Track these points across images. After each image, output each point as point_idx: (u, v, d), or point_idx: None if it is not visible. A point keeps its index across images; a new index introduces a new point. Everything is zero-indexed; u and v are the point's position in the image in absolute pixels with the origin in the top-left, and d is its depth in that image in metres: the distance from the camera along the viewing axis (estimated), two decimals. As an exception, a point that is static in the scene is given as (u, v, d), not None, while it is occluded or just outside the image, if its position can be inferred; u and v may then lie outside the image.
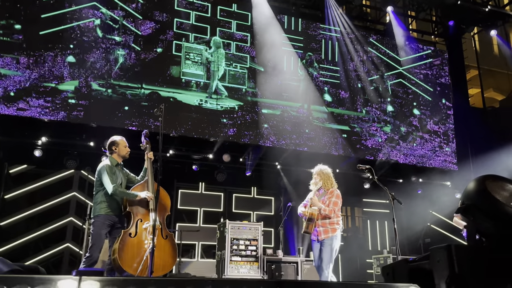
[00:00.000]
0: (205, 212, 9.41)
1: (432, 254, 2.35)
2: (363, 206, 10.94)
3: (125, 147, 4.77)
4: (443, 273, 2.26)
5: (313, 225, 4.98)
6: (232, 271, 6.65)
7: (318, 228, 4.98)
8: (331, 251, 4.92)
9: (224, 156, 8.96)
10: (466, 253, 2.24)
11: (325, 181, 5.12)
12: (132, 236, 4.35)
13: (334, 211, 4.98)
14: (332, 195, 5.07)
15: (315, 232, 4.99)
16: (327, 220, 4.98)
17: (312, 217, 4.94)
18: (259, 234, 6.99)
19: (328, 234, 4.95)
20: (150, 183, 4.64)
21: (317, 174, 5.15)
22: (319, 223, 4.97)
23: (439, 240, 10.13)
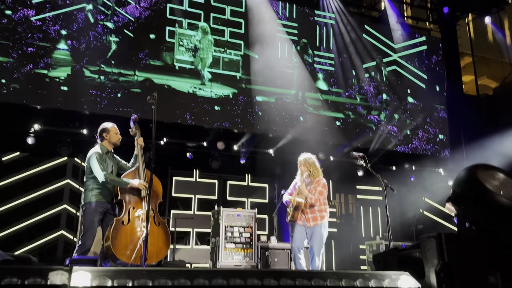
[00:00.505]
0: (199, 199, 9.41)
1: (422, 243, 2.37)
2: (356, 193, 10.99)
3: (116, 134, 4.73)
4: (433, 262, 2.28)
5: (298, 213, 5.04)
6: (226, 257, 6.67)
7: (306, 215, 5.04)
8: (321, 238, 4.99)
9: (219, 144, 8.93)
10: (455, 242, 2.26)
11: (311, 170, 5.17)
12: (125, 224, 4.35)
13: (319, 200, 5.06)
14: (318, 184, 5.13)
15: (303, 218, 5.04)
16: (316, 208, 5.04)
17: (298, 206, 5.00)
18: (253, 221, 7.00)
19: (317, 221, 5.02)
20: (141, 170, 4.63)
21: (303, 164, 5.19)
22: (308, 210, 5.04)
23: (431, 227, 10.23)
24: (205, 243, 8.74)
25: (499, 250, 2.40)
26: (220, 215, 6.86)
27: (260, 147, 9.26)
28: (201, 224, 8.90)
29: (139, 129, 4.85)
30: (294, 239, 5.09)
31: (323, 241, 5.01)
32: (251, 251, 6.83)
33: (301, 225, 5.06)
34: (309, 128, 9.39)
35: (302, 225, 5.06)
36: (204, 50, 8.90)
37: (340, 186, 10.83)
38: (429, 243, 2.35)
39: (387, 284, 2.30)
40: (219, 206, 7.32)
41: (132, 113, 4.83)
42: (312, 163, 5.22)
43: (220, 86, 8.91)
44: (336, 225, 10.46)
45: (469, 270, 2.25)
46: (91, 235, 4.39)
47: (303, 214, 5.05)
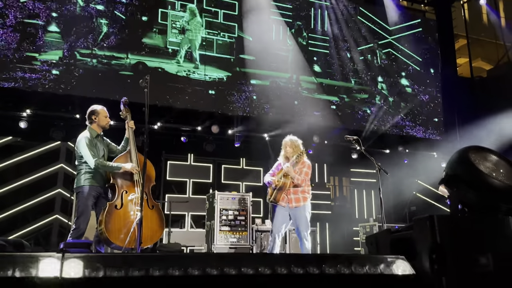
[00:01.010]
0: (194, 183, 9.41)
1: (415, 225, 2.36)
2: (350, 176, 11.03)
3: (105, 117, 4.68)
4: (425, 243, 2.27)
5: (281, 194, 5.08)
6: (221, 240, 6.70)
7: (289, 196, 5.09)
8: (306, 220, 5.04)
9: (213, 128, 8.89)
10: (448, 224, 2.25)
11: (297, 151, 5.18)
12: (118, 208, 4.33)
13: (305, 180, 5.09)
14: (304, 165, 5.17)
15: (285, 199, 5.08)
16: (299, 189, 5.09)
17: (283, 186, 5.03)
18: (248, 204, 7.02)
19: (300, 202, 5.07)
20: (133, 154, 4.59)
21: (290, 145, 5.21)
22: (291, 191, 5.09)
23: (424, 209, 10.31)
24: (200, 226, 8.77)
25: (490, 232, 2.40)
26: (215, 199, 6.87)
27: (254, 130, 9.23)
28: (196, 207, 8.91)
29: (129, 112, 4.80)
30: (275, 222, 5.13)
31: (308, 223, 5.06)
32: (246, 233, 6.86)
33: (284, 206, 5.11)
34: (303, 111, 9.35)
35: (285, 206, 5.10)
36: (193, 31, 8.75)
37: (334, 169, 10.86)
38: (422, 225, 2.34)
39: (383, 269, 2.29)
40: (214, 190, 7.32)
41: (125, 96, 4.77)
42: (298, 145, 5.26)
43: (214, 69, 8.81)
44: (330, 208, 10.52)
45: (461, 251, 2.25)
46: (85, 219, 4.37)
47: (285, 195, 5.10)
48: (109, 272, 2.12)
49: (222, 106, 8.81)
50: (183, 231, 8.81)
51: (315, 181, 10.58)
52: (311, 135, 9.57)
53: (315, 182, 10.55)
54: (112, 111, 4.88)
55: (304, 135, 9.71)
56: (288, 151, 5.22)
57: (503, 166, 2.56)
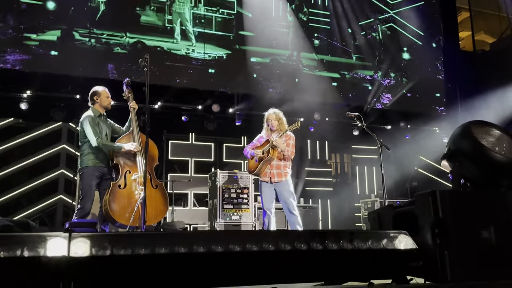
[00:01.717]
0: (196, 162, 9.43)
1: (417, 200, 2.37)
2: (352, 153, 11.05)
3: (107, 97, 4.70)
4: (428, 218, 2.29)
5: (266, 167, 5.14)
6: (224, 218, 6.77)
7: (271, 171, 5.14)
8: (292, 192, 5.15)
9: (214, 106, 8.86)
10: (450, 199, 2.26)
11: (282, 124, 5.24)
12: (122, 188, 4.38)
13: (292, 152, 5.16)
14: (290, 138, 5.25)
15: (268, 174, 5.13)
16: (281, 163, 5.15)
17: (270, 159, 5.08)
18: (250, 182, 7.06)
19: (282, 177, 5.13)
20: (135, 134, 4.62)
21: (275, 118, 5.24)
22: (274, 165, 5.14)
23: (426, 184, 10.36)
24: (203, 205, 8.84)
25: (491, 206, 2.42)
26: (217, 177, 6.90)
27: (255, 109, 9.18)
28: (198, 186, 8.96)
29: (131, 93, 4.81)
30: (265, 198, 5.21)
31: (294, 194, 5.15)
32: (248, 211, 6.93)
33: (267, 181, 5.17)
34: (304, 88, 9.29)
35: (268, 182, 5.16)
36: (177, 3, 8.54)
37: (335, 146, 10.87)
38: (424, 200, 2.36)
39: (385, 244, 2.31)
40: (215, 168, 7.35)
41: (123, 76, 4.77)
42: (282, 117, 5.31)
43: (214, 47, 8.72)
44: (331, 184, 10.57)
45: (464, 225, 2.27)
46: (89, 199, 4.41)
47: (268, 170, 5.16)
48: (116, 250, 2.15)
49: (222, 85, 8.76)
50: (186, 210, 8.89)
51: (316, 158, 10.61)
52: (312, 112, 9.53)
53: (316, 159, 10.58)
54: (112, 91, 4.87)
55: (305, 112, 9.79)
56: (274, 124, 5.26)
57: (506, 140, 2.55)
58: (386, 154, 5.93)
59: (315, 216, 7.86)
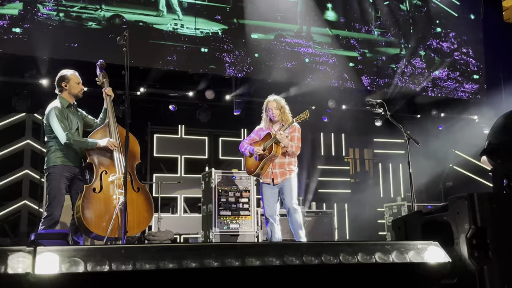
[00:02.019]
0: (186, 160, 9.46)
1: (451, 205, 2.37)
2: (374, 147, 11.05)
3: (77, 83, 4.69)
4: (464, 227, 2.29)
5: (267, 167, 5.16)
6: (221, 227, 6.79)
7: (274, 170, 5.16)
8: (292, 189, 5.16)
9: (207, 93, 8.87)
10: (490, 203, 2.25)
11: (285, 114, 5.25)
12: (97, 192, 4.39)
13: (298, 147, 5.20)
14: (294, 130, 5.26)
15: (269, 175, 5.16)
16: (286, 160, 5.18)
17: (273, 156, 5.10)
18: (252, 184, 7.08)
19: (286, 176, 5.18)
20: (112, 127, 4.63)
21: (276, 107, 5.26)
22: (276, 164, 5.16)
23: (463, 184, 10.36)
24: (195, 211, 8.87)
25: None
26: (212, 178, 6.92)
27: (257, 95, 9.16)
28: (189, 188, 8.98)
29: (107, 77, 4.81)
30: (266, 203, 5.24)
31: (296, 192, 5.23)
32: (250, 218, 6.95)
33: (269, 183, 5.20)
34: (316, 71, 9.27)
35: (270, 183, 5.19)
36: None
37: (354, 139, 10.87)
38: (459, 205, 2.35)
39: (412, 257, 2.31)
40: (210, 167, 7.36)
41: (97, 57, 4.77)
42: (284, 106, 5.33)
43: (206, 21, 8.70)
44: (350, 186, 10.58)
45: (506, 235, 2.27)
46: (58, 204, 4.44)
47: (270, 170, 5.18)
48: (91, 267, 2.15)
49: (217, 67, 8.74)
50: (175, 217, 8.92)
51: (331, 155, 10.61)
52: (325, 99, 9.52)
53: (331, 155, 10.59)
54: (86, 76, 4.88)
55: (318, 100, 9.78)
56: (274, 114, 5.27)
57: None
58: (415, 149, 5.92)
59: (329, 223, 7.89)
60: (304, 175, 10.01)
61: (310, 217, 7.73)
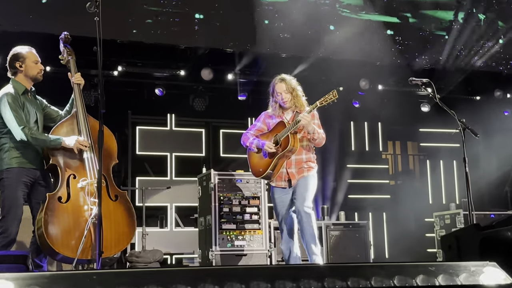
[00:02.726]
0: (178, 158, 9.48)
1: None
2: (419, 140, 11.02)
3: (35, 63, 4.68)
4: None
5: (282, 165, 5.13)
6: (223, 244, 6.80)
7: (289, 169, 5.13)
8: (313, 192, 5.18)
9: (204, 72, 8.87)
10: None
11: (298, 98, 5.22)
12: (64, 201, 4.40)
13: (324, 136, 5.23)
14: (314, 117, 5.25)
15: (283, 176, 5.15)
16: (303, 156, 5.19)
17: (292, 150, 5.04)
18: (262, 188, 7.08)
19: (303, 173, 5.16)
20: (81, 119, 4.64)
21: (285, 89, 5.21)
22: (292, 161, 5.13)
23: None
24: (190, 224, 8.91)
25: None
26: (211, 182, 6.93)
27: (267, 74, 9.15)
28: (182, 196, 9.01)
29: (73, 55, 4.82)
30: (283, 214, 5.22)
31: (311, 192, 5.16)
32: (260, 233, 6.95)
33: (284, 187, 5.17)
34: (343, 41, 9.23)
35: (286, 187, 5.17)
36: None
37: (394, 130, 10.83)
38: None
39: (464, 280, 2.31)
40: (208, 168, 7.38)
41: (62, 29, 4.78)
42: (297, 86, 5.30)
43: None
44: (389, 189, 10.55)
45: None
46: (14, 218, 4.45)
47: (284, 169, 5.16)
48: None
49: (216, 38, 8.74)
50: (164, 232, 8.95)
51: (364, 150, 10.58)
52: (357, 78, 9.49)
53: (365, 151, 10.55)
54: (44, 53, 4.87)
55: (347, 79, 9.73)
56: (285, 99, 5.22)
57: None
58: (474, 142, 5.90)
59: (363, 238, 7.87)
60: (330, 177, 10.02)
61: (337, 230, 7.71)
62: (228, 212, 6.89)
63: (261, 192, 7.07)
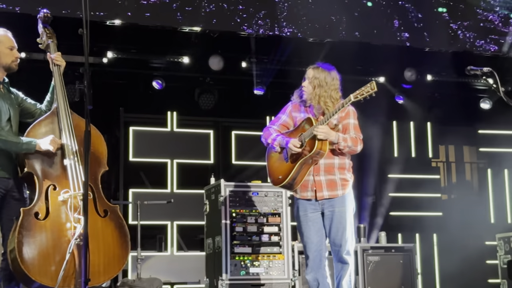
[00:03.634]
0: (180, 166, 9.51)
1: None
2: (478, 144, 10.98)
3: (10, 48, 4.71)
4: None
5: (305, 173, 5.04)
6: (236, 272, 6.81)
7: (317, 177, 5.04)
8: (352, 224, 5.10)
9: (213, 60, 8.89)
10: None
11: (323, 98, 5.08)
12: (41, 218, 4.41)
13: (360, 140, 5.05)
14: (348, 115, 5.12)
15: (310, 185, 5.09)
16: (335, 161, 5.06)
17: (318, 154, 4.93)
18: (284, 203, 7.08)
19: (337, 189, 5.05)
20: (62, 115, 4.66)
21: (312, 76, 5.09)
22: (321, 166, 5.04)
23: None
24: (195, 247, 8.93)
25: None
26: (221, 195, 6.94)
27: (289, 64, 9.20)
28: (185, 211, 9.03)
29: (54, 37, 4.85)
30: (308, 235, 5.12)
31: (350, 226, 5.07)
32: (281, 258, 6.95)
33: (309, 198, 5.10)
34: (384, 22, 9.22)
35: (311, 199, 5.10)
36: None
37: (447, 131, 10.78)
38: None
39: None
40: (218, 178, 7.39)
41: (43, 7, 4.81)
42: (328, 76, 5.14)
43: None
44: (440, 205, 10.52)
45: None
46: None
47: (310, 176, 5.07)
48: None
49: (227, 19, 8.76)
50: (164, 256, 8.98)
51: (409, 156, 10.55)
52: (401, 68, 9.46)
53: (410, 157, 10.52)
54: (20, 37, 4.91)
55: (387, 68, 9.68)
56: (305, 89, 5.13)
57: None
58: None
59: (408, 266, 7.83)
60: (367, 190, 10.00)
61: (377, 255, 7.68)
62: (242, 232, 6.90)
63: (282, 208, 7.07)
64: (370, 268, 7.54)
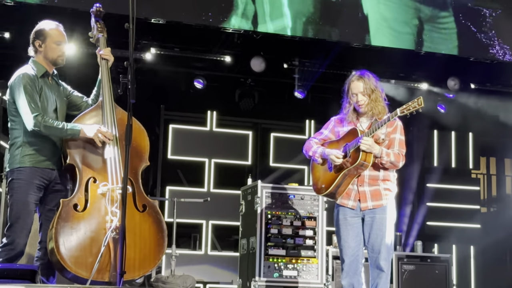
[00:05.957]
0: (218, 165, 9.52)
1: None
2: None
3: (57, 44, 4.74)
4: None
5: (348, 183, 5.03)
6: (269, 274, 6.82)
7: (361, 188, 5.01)
8: (392, 232, 5.06)
9: (255, 62, 8.88)
10: None
11: (378, 102, 5.07)
12: (80, 210, 4.45)
13: (403, 156, 5.03)
14: (396, 129, 5.10)
15: (353, 194, 5.07)
16: (380, 173, 5.04)
17: (363, 166, 4.92)
18: (320, 207, 7.07)
19: (381, 200, 5.02)
20: (107, 108, 4.68)
21: (363, 89, 5.06)
22: (365, 177, 5.03)
23: None
24: (229, 247, 8.95)
25: None
26: (258, 196, 6.96)
27: (335, 67, 9.16)
28: (221, 211, 9.06)
29: (104, 31, 4.88)
30: (346, 242, 5.10)
31: (390, 235, 5.04)
32: (316, 262, 6.95)
33: (351, 207, 5.07)
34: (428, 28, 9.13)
35: (353, 208, 5.07)
36: None
37: (489, 142, 10.68)
38: None
39: None
40: (255, 179, 7.40)
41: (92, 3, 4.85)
42: (377, 87, 5.11)
43: None
44: (479, 217, 10.41)
45: None
46: (24, 227, 4.52)
47: (354, 186, 5.05)
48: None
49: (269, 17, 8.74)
50: (198, 255, 9.00)
51: (450, 167, 10.46)
52: (444, 75, 9.37)
53: (450, 168, 10.44)
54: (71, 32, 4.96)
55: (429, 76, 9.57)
56: (360, 102, 5.09)
57: None
58: None
59: (443, 276, 7.78)
60: (405, 198, 9.93)
61: (412, 264, 7.63)
62: (277, 234, 6.91)
63: (318, 212, 7.06)
64: (405, 277, 7.51)
